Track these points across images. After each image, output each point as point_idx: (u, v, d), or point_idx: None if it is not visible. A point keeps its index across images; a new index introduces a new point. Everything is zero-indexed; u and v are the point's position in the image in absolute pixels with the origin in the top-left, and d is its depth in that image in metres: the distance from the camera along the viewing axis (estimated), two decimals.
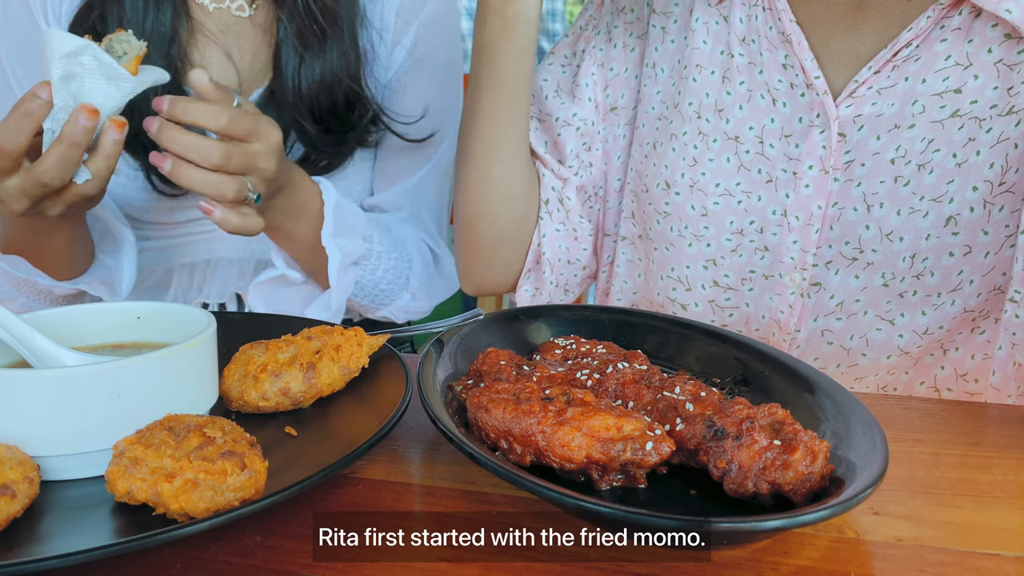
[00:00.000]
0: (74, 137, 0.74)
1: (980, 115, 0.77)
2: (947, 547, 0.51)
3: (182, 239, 1.09)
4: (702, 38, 0.90)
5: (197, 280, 1.10)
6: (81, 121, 0.74)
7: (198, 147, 0.78)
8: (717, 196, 0.88)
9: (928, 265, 0.81)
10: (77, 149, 0.75)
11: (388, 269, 1.07)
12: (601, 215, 1.01)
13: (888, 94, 0.80)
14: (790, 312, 0.87)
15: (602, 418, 0.53)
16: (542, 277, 0.98)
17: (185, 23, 1.01)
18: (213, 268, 1.10)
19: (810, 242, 0.84)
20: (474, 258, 0.99)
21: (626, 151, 0.98)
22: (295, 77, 1.00)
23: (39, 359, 0.59)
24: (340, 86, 1.01)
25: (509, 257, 0.98)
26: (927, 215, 0.80)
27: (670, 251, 0.92)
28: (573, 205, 0.97)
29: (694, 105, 0.90)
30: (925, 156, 0.80)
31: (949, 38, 0.78)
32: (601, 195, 1.00)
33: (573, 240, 0.98)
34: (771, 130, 0.86)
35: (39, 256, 0.93)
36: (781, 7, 0.84)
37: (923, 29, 0.78)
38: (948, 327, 0.83)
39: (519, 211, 0.95)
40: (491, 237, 0.96)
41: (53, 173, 0.75)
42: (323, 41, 1.00)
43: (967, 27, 0.77)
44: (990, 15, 0.76)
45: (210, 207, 0.81)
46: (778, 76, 0.85)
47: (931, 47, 0.78)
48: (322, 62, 1.00)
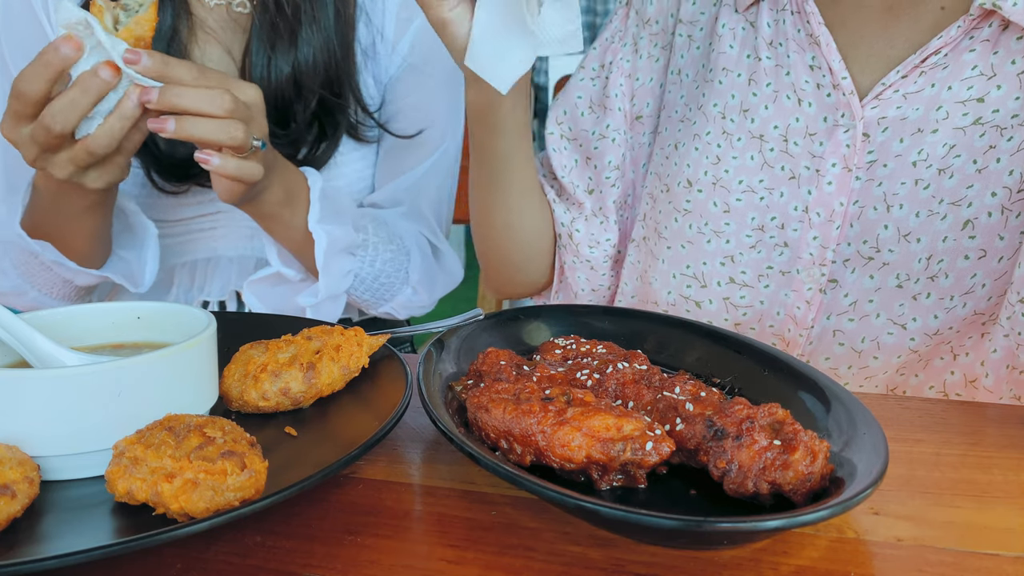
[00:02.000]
0: (87, 84, 0.74)
1: (1002, 124, 0.79)
2: (947, 547, 0.51)
3: (182, 237, 1.09)
4: (728, 43, 0.91)
5: (198, 278, 1.10)
6: (100, 73, 0.74)
7: (209, 96, 0.77)
8: (740, 193, 0.89)
9: (943, 267, 0.82)
10: (87, 96, 0.75)
11: (386, 261, 1.07)
12: (629, 223, 1.03)
13: (914, 99, 0.81)
14: (807, 308, 0.88)
15: (602, 418, 0.53)
16: (571, 297, 1.02)
17: (185, 20, 1.01)
18: (214, 266, 1.10)
19: (830, 238, 0.85)
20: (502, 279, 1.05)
21: (649, 158, 0.99)
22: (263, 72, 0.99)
23: (39, 359, 0.59)
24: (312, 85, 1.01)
25: (534, 279, 1.05)
26: (945, 218, 0.81)
27: (686, 249, 0.93)
28: (581, 238, 1.00)
29: (719, 106, 0.91)
30: (946, 161, 0.81)
31: (977, 48, 0.79)
32: (630, 203, 1.02)
33: (589, 270, 1.02)
34: (796, 129, 0.87)
35: (64, 244, 0.93)
36: (810, 10, 0.85)
37: (953, 38, 0.79)
38: (958, 328, 0.84)
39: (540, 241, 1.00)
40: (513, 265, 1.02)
41: (58, 116, 0.75)
42: (294, 38, 0.99)
43: (995, 39, 0.78)
44: (1017, 27, 0.77)
45: (207, 156, 0.79)
46: (805, 77, 0.86)
47: (959, 56, 0.80)
48: (292, 60, 1.00)
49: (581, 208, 1.00)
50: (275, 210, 0.94)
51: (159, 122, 0.77)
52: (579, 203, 1.00)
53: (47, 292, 1.01)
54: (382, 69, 1.09)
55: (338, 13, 1.02)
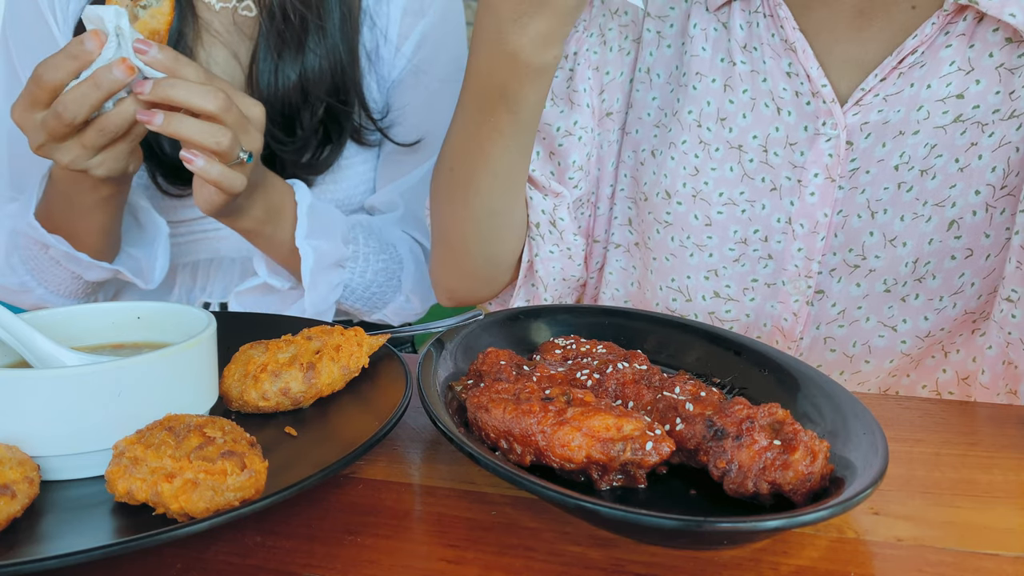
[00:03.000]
0: (100, 80, 0.75)
1: (982, 119, 0.78)
2: (947, 547, 0.51)
3: (185, 238, 1.09)
4: (700, 45, 0.89)
5: (200, 279, 1.10)
6: (115, 71, 0.75)
7: (202, 91, 0.77)
8: (721, 205, 0.88)
9: (930, 269, 0.81)
10: (98, 91, 0.75)
11: (378, 271, 1.07)
12: (591, 221, 0.99)
13: (894, 101, 0.80)
14: (795, 320, 0.87)
15: (602, 418, 0.53)
16: (535, 292, 0.96)
17: (191, 22, 1.01)
18: (216, 267, 1.10)
19: (815, 250, 0.84)
20: (460, 279, 0.96)
21: (617, 156, 0.96)
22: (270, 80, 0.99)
23: (39, 359, 0.59)
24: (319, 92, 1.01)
25: (498, 277, 0.96)
26: (930, 220, 0.80)
27: (670, 261, 0.91)
28: (566, 225, 0.93)
29: (694, 113, 0.89)
30: (928, 161, 0.80)
31: (953, 43, 0.78)
32: (592, 201, 0.98)
33: (568, 259, 0.95)
34: (775, 139, 0.85)
35: (75, 239, 0.93)
36: (784, 14, 0.83)
37: (928, 36, 0.78)
38: (949, 328, 0.83)
39: (520, 237, 0.93)
40: (483, 261, 0.93)
41: (70, 107, 0.75)
42: (301, 46, 0.99)
43: (970, 32, 0.77)
44: (992, 19, 0.76)
45: (192, 156, 0.79)
46: (782, 84, 0.84)
47: (936, 53, 0.78)
48: (299, 68, 0.99)
49: (560, 197, 0.93)
50: (256, 227, 0.94)
51: (148, 114, 0.77)
52: (556, 192, 0.92)
53: (54, 290, 1.01)
54: (386, 71, 1.08)
55: (344, 19, 1.02)
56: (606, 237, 0.99)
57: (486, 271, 0.94)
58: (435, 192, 0.92)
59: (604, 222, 0.99)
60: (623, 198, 0.96)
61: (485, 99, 0.79)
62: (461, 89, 0.82)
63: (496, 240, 0.91)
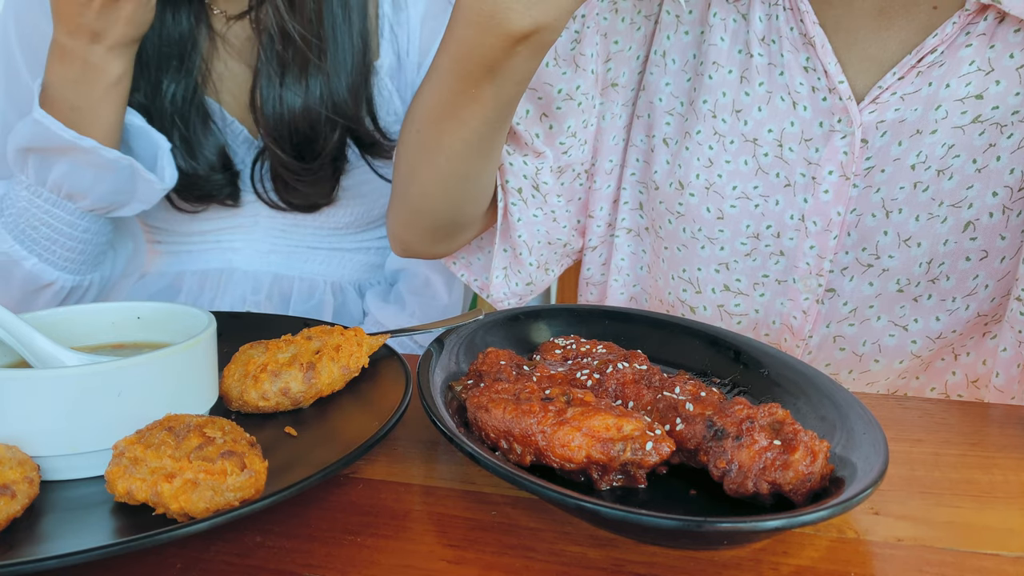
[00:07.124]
0: None
1: (1001, 121, 0.77)
2: (947, 547, 0.51)
3: (198, 246, 1.08)
4: (719, 35, 0.87)
5: (209, 290, 1.08)
6: None
7: None
8: (734, 199, 0.87)
9: (944, 270, 0.81)
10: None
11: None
12: (588, 194, 0.96)
13: (912, 99, 0.79)
14: (804, 318, 0.86)
15: (602, 418, 0.53)
16: (519, 259, 0.92)
17: (206, 35, 1.00)
18: (226, 278, 1.09)
19: (827, 248, 0.83)
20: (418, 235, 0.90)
21: (622, 133, 0.94)
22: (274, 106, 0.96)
23: (39, 359, 0.59)
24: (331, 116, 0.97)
25: (457, 236, 0.91)
26: (945, 220, 0.80)
27: (682, 252, 0.91)
28: (550, 188, 0.90)
29: (709, 103, 0.88)
30: (945, 162, 0.79)
31: (974, 43, 0.77)
32: (588, 171, 0.94)
33: (552, 222, 0.92)
34: (791, 134, 0.85)
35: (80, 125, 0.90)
36: (804, 8, 0.82)
37: (948, 35, 0.77)
38: (961, 330, 0.83)
39: (486, 199, 0.88)
40: (445, 221, 0.87)
41: None
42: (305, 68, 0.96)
43: (991, 32, 0.76)
44: (1014, 20, 0.75)
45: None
46: (799, 79, 0.84)
47: (956, 52, 0.78)
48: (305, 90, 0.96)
49: (542, 157, 0.88)
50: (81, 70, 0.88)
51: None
52: (538, 152, 0.88)
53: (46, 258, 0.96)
54: (408, 84, 1.05)
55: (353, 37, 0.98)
56: (602, 215, 0.96)
57: (447, 230, 0.89)
58: (401, 151, 0.86)
59: (600, 198, 0.96)
60: (634, 182, 0.95)
61: (468, 69, 0.72)
62: (437, 51, 0.75)
63: (461, 202, 0.86)
